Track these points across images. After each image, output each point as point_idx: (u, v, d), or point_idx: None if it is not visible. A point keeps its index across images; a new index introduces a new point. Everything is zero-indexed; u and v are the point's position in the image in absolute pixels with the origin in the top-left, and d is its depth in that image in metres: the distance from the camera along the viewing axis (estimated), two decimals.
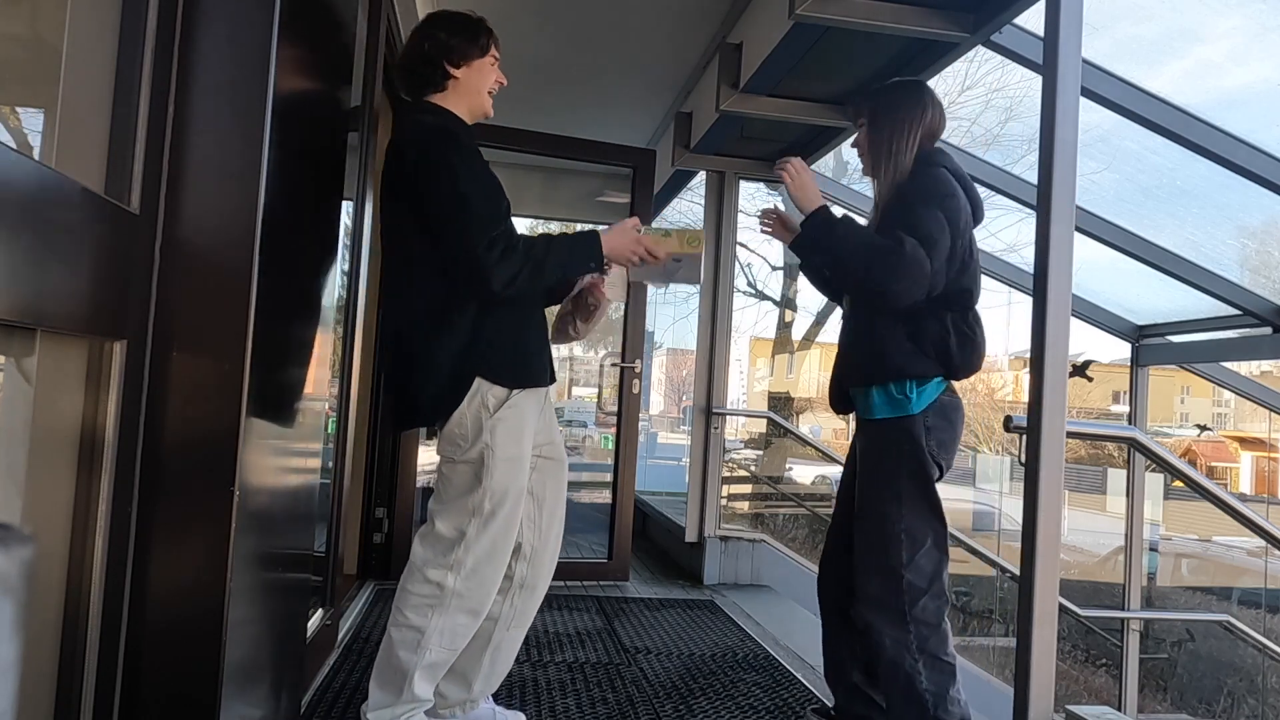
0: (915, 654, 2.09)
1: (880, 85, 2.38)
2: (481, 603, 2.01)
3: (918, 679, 2.08)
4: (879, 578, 2.13)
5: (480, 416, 1.96)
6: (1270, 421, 15.10)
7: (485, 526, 1.97)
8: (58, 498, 1.08)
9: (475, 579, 1.98)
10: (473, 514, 1.97)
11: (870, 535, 2.16)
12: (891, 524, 2.11)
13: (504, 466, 1.97)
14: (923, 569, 2.11)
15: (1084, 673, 8.50)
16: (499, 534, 1.99)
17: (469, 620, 2.00)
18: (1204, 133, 2.93)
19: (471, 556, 1.97)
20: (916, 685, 2.08)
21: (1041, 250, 1.88)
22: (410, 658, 1.95)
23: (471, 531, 1.97)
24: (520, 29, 4.10)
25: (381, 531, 3.97)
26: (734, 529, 4.69)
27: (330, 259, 2.05)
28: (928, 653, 2.09)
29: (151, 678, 1.20)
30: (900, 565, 2.10)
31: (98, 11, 1.11)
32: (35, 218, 0.89)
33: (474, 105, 2.06)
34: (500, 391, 1.97)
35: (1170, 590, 11.27)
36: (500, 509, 1.98)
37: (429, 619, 1.95)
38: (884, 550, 2.12)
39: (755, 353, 20.60)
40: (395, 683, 1.97)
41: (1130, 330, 4.39)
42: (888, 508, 2.13)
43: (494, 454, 1.96)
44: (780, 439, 13.02)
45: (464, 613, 1.98)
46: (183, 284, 1.22)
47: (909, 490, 2.12)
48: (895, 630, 2.10)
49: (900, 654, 2.09)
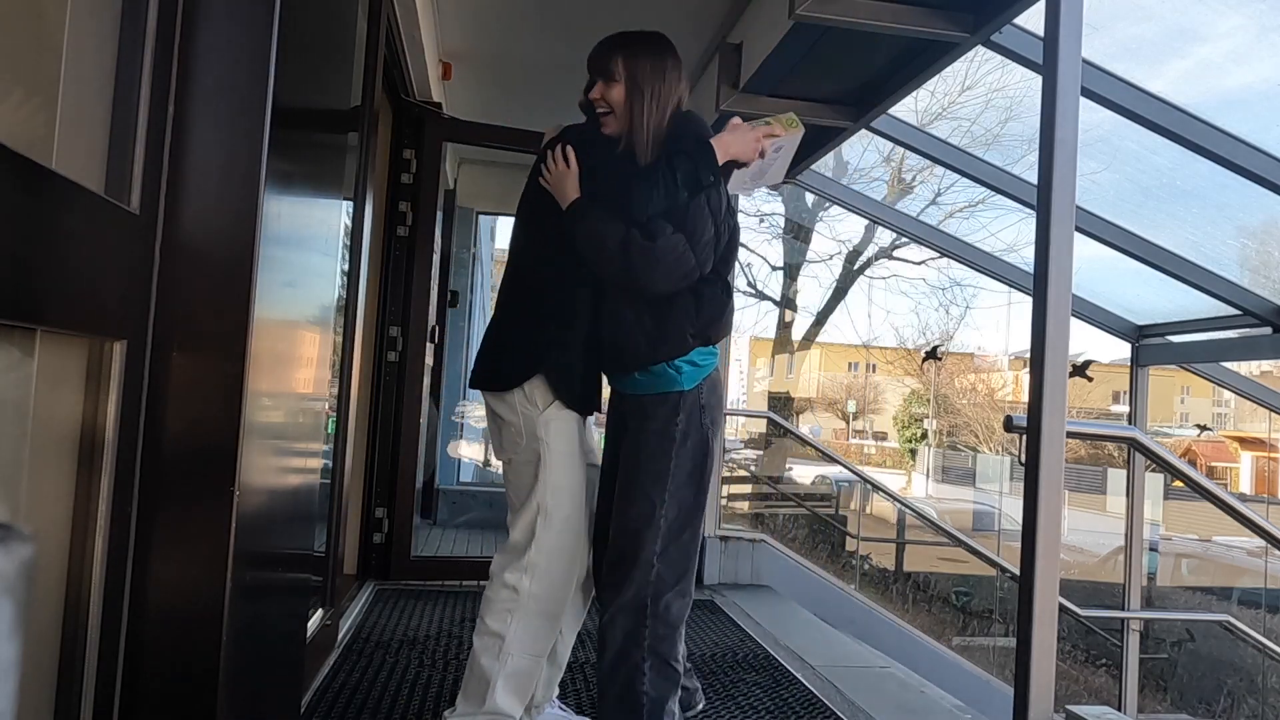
0: (643, 651, 1.92)
1: (622, 34, 2.10)
2: (558, 604, 2.02)
3: (639, 680, 1.91)
4: (627, 565, 1.95)
5: (531, 413, 2.01)
6: (1270, 421, 15.11)
7: (548, 524, 2.00)
8: (58, 498, 1.08)
9: (547, 580, 2.00)
10: (537, 512, 2.00)
11: (628, 518, 1.97)
12: (652, 507, 1.95)
13: (560, 462, 2.01)
14: (673, 561, 1.95)
15: (1084, 673, 8.50)
16: (563, 531, 2.01)
17: (546, 624, 2.02)
18: (1204, 133, 2.93)
19: (542, 556, 1.99)
20: (637, 685, 1.91)
21: (1041, 250, 1.88)
22: (492, 665, 1.97)
23: (540, 530, 2.00)
24: (520, 28, 4.10)
25: (381, 531, 3.97)
26: (734, 529, 4.70)
27: (330, 259, 2.05)
28: (656, 654, 1.93)
29: (151, 678, 1.20)
30: (653, 554, 1.93)
31: (98, 11, 1.11)
32: (35, 218, 0.89)
33: None
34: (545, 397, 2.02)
35: (1170, 590, 11.28)
36: (562, 504, 2.01)
37: (508, 624, 1.98)
38: (638, 536, 1.95)
39: (755, 353, 20.63)
40: (479, 692, 1.99)
41: (1130, 330, 4.39)
42: (650, 490, 1.95)
43: (549, 448, 2.00)
44: (780, 439, 13.01)
45: (541, 616, 2.00)
46: (183, 284, 1.22)
47: (675, 474, 1.96)
48: (629, 621, 1.94)
49: (629, 648, 1.93)
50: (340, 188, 2.15)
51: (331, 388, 2.62)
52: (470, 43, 4.29)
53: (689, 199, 1.94)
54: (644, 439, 1.97)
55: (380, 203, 3.78)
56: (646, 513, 1.94)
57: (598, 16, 3.79)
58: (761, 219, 16.47)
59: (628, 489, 1.98)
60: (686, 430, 1.96)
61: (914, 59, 3.23)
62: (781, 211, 17.02)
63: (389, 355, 3.98)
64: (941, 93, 10.79)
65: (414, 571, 4.00)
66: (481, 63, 4.52)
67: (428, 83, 4.02)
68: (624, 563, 1.95)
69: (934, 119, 9.01)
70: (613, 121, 2.04)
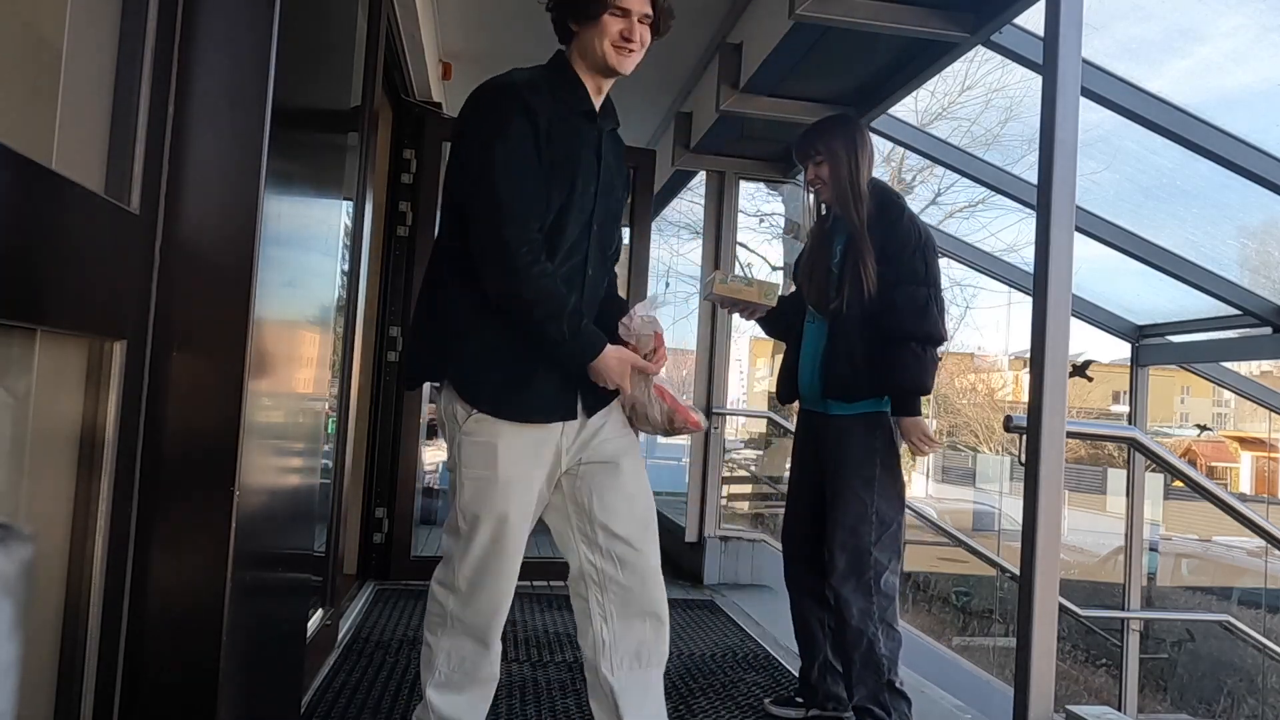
0: (876, 623, 2.33)
1: (820, 122, 2.59)
2: (485, 632, 1.81)
3: (877, 645, 2.32)
4: (851, 555, 2.35)
5: (455, 418, 1.76)
6: (1270, 421, 15.11)
7: (466, 548, 1.76)
8: (58, 498, 1.07)
9: (472, 606, 1.79)
10: (455, 531, 1.79)
11: (845, 517, 2.37)
12: (864, 506, 2.36)
13: (471, 486, 1.75)
14: (888, 548, 2.36)
15: (1084, 673, 8.50)
16: (481, 559, 1.76)
17: (475, 647, 1.82)
18: (1204, 133, 2.93)
19: (463, 579, 1.78)
20: (876, 650, 2.32)
21: (1041, 250, 1.88)
22: (425, 674, 1.85)
23: (456, 550, 1.78)
24: (521, 28, 4.10)
25: (381, 531, 3.97)
26: (734, 529, 4.69)
27: (330, 259, 2.04)
28: (885, 622, 2.34)
29: (151, 677, 1.20)
30: (870, 544, 2.35)
31: (98, 11, 1.11)
32: (35, 218, 0.89)
33: (593, 62, 1.81)
34: (465, 407, 1.75)
35: (1170, 590, 11.28)
36: (475, 531, 1.75)
37: (438, 637, 1.82)
38: (854, 529, 2.35)
39: (755, 353, 20.61)
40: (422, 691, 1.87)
41: (1130, 330, 4.39)
42: (862, 492, 2.37)
43: (460, 468, 1.76)
44: (780, 439, 13.00)
45: (468, 638, 1.81)
46: (183, 284, 1.22)
47: (881, 476, 2.38)
48: (861, 600, 2.33)
49: (864, 622, 2.32)
50: (340, 188, 2.15)
51: (331, 388, 2.61)
52: (470, 43, 4.29)
53: None
54: (853, 452, 2.39)
55: (380, 203, 3.78)
56: (861, 512, 2.35)
57: None
58: (761, 219, 16.45)
59: (844, 493, 2.38)
60: (886, 442, 2.40)
61: (914, 59, 3.23)
62: (781, 211, 17.00)
63: (389, 355, 3.98)
64: (941, 93, 10.81)
65: (414, 571, 4.00)
66: (481, 63, 4.50)
67: (428, 83, 4.02)
68: (850, 554, 2.35)
69: (934, 119, 9.02)
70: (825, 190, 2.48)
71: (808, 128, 2.58)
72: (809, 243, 2.60)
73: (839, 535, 2.37)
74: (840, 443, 2.42)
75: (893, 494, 2.39)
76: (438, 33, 4.10)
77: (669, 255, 14.49)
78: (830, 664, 2.51)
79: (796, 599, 2.57)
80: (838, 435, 2.43)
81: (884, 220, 2.39)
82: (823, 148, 2.45)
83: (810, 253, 2.56)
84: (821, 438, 2.48)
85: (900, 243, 2.37)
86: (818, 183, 2.48)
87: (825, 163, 2.44)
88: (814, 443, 2.51)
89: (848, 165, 2.41)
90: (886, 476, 2.38)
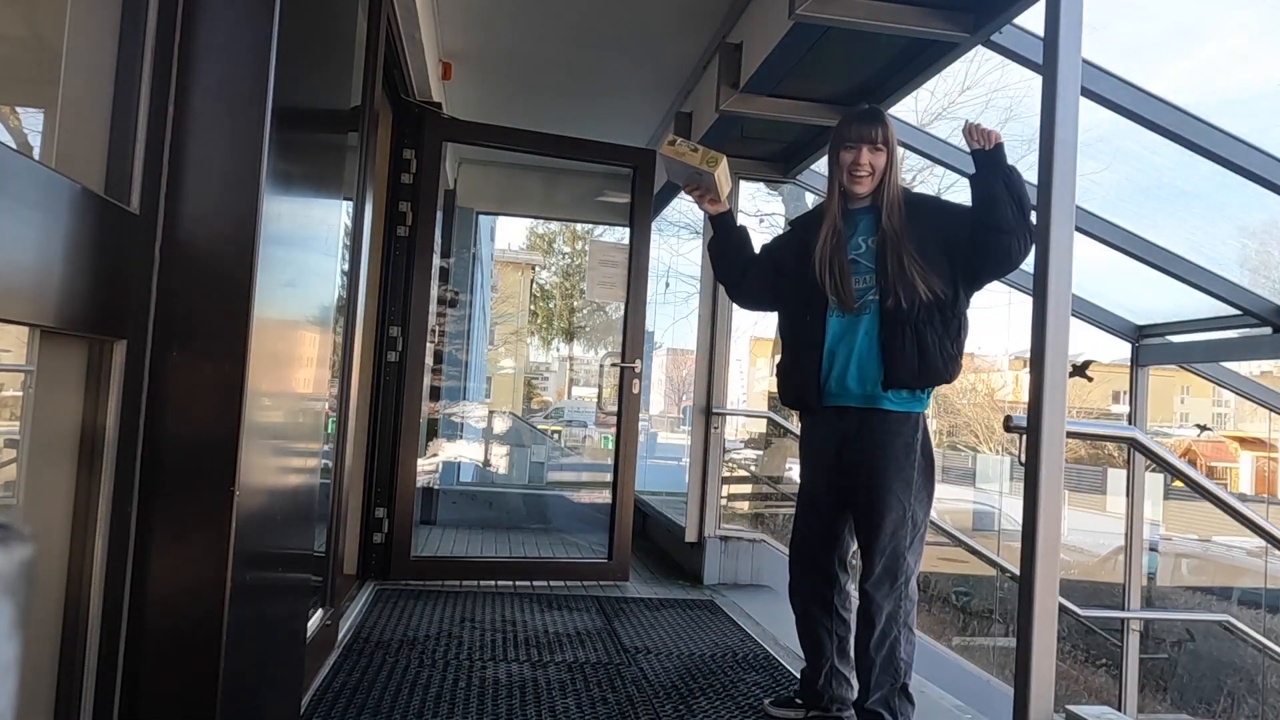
0: (900, 626, 2.31)
1: (877, 111, 2.47)
2: None
3: (899, 648, 2.30)
4: (889, 559, 2.30)
5: None
6: (1270, 421, 15.09)
7: None
8: (58, 498, 1.07)
9: None
10: None
11: (886, 521, 2.30)
12: (903, 509, 2.30)
13: None
14: (917, 552, 2.34)
15: (1084, 673, 8.50)
16: None
17: None
18: (1204, 133, 2.93)
19: None
20: (897, 654, 2.30)
21: (1041, 250, 1.88)
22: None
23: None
24: (521, 28, 4.10)
25: (381, 531, 3.97)
26: (734, 529, 4.69)
27: (330, 259, 2.04)
28: (907, 625, 2.33)
29: (151, 677, 1.20)
30: (905, 548, 2.31)
31: (98, 11, 1.11)
32: (35, 218, 0.89)
33: None
34: None
35: (1170, 590, 11.27)
36: None
37: None
38: (894, 533, 2.30)
39: (755, 353, 20.59)
40: None
41: (1130, 330, 4.39)
42: (901, 495, 2.30)
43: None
44: (780, 439, 13.00)
45: None
46: (183, 284, 1.22)
47: (918, 479, 2.32)
48: (891, 604, 2.30)
49: (891, 626, 2.30)
50: (340, 188, 2.15)
51: (331, 388, 2.61)
52: (470, 43, 4.29)
53: None
54: (894, 451, 2.30)
55: (380, 203, 3.78)
56: (900, 515, 2.30)
57: (598, 17, 3.79)
58: (761, 219, 16.43)
59: (886, 498, 2.30)
60: (924, 441, 2.34)
61: (914, 59, 3.23)
62: (781, 211, 17.00)
63: (389, 355, 3.98)
64: (941, 93, 10.80)
65: (414, 571, 4.00)
66: (481, 63, 4.52)
67: (428, 83, 4.01)
68: (888, 559, 2.29)
69: (934, 119, 9.03)
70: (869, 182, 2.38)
71: (863, 109, 2.46)
72: (824, 233, 2.39)
73: (880, 540, 2.29)
74: (881, 442, 2.31)
75: (925, 496, 2.34)
76: (438, 33, 4.10)
77: (669, 255, 14.50)
78: (837, 669, 2.48)
79: (804, 608, 2.50)
80: (879, 432, 2.31)
81: (928, 209, 2.38)
82: (886, 137, 2.36)
83: (825, 243, 2.38)
84: (857, 436, 2.34)
85: (959, 210, 2.33)
86: (864, 170, 2.35)
87: (884, 152, 2.36)
88: (839, 444, 2.38)
89: (896, 163, 2.38)
90: (922, 479, 2.33)
